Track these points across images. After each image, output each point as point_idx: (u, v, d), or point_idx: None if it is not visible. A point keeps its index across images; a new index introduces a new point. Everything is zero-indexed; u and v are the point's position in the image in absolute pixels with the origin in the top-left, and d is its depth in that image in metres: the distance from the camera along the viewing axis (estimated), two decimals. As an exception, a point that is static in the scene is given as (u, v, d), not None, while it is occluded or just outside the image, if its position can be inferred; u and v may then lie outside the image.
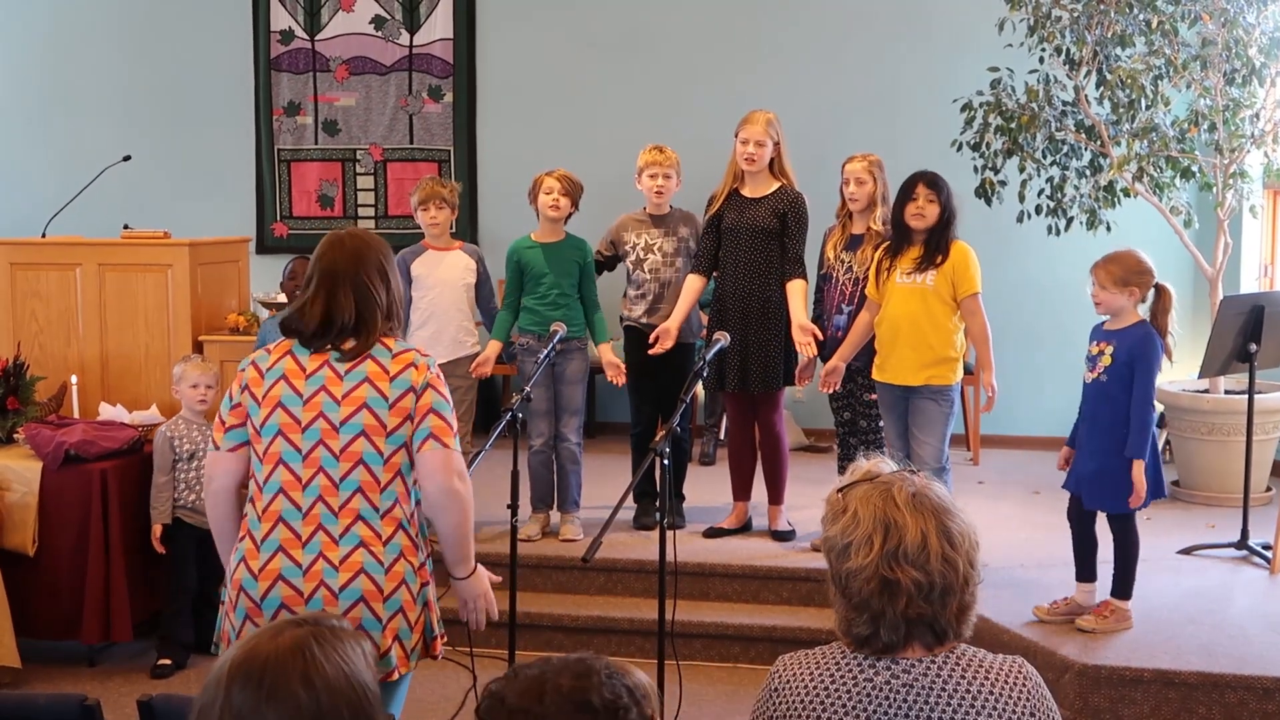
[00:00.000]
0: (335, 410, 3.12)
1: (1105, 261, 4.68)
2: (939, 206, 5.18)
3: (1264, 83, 6.45)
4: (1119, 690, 4.45)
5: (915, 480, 2.15)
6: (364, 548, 3.11)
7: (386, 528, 3.14)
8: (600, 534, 3.60)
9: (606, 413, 8.41)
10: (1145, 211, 6.87)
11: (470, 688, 4.78)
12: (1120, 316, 4.68)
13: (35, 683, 5.07)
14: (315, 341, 3.17)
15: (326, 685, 1.68)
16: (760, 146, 5.69)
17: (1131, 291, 4.63)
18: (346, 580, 3.10)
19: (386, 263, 3.26)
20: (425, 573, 3.23)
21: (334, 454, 3.11)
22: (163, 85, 8.83)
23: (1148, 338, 4.63)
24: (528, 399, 4.20)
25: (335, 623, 1.76)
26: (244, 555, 3.15)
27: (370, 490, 3.12)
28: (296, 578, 3.09)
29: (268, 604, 3.10)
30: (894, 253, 5.27)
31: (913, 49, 8.03)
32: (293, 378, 3.16)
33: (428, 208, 5.89)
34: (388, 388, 3.14)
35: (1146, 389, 4.61)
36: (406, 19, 8.57)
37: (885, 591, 2.08)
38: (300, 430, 3.13)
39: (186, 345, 5.72)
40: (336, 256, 3.21)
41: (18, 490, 5.15)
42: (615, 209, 6.31)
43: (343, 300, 3.16)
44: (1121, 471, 4.62)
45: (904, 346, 5.21)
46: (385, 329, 3.21)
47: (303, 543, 3.10)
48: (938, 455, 5.20)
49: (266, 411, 3.16)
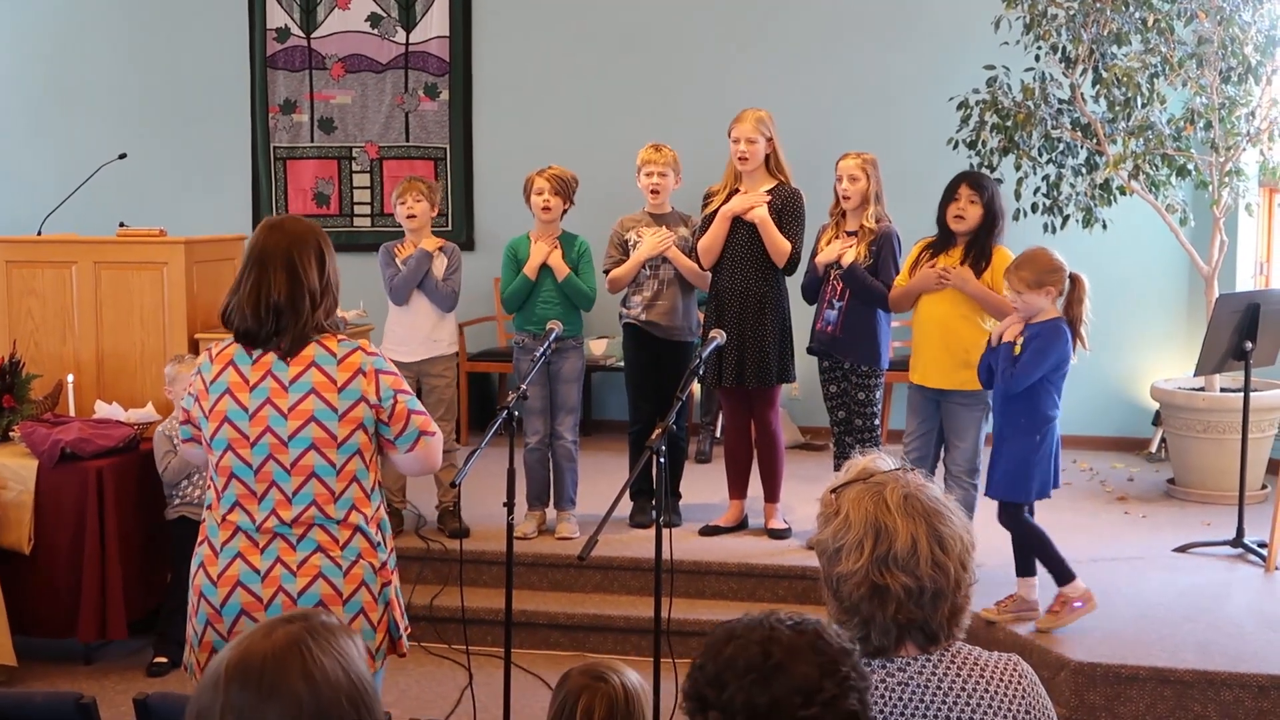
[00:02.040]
0: (283, 424, 3.09)
1: (1016, 266, 4.68)
2: (981, 208, 5.17)
3: (1260, 80, 6.45)
4: (1114, 688, 4.46)
5: (909, 480, 2.14)
6: (321, 552, 3.11)
7: (343, 533, 3.13)
8: (596, 532, 3.60)
9: (603, 410, 8.42)
10: (1141, 209, 6.87)
11: (466, 685, 4.79)
12: (1038, 315, 4.68)
13: (31, 681, 5.06)
14: (251, 336, 3.11)
15: (325, 679, 1.68)
16: (752, 144, 5.69)
17: (1047, 291, 4.64)
18: (304, 585, 3.09)
19: (325, 248, 3.17)
20: (387, 571, 3.21)
21: (285, 468, 3.09)
22: (159, 83, 8.82)
23: (1053, 328, 4.62)
24: (523, 397, 4.19)
25: (325, 618, 1.76)
26: (203, 561, 3.15)
27: (325, 502, 3.11)
28: (255, 583, 3.09)
29: (227, 610, 3.10)
30: (935, 251, 5.27)
31: (909, 47, 8.02)
32: (237, 391, 3.12)
33: (405, 200, 5.89)
34: (336, 399, 3.10)
35: (1028, 363, 4.59)
36: (402, 16, 8.56)
37: (875, 596, 2.07)
38: (249, 445, 3.10)
39: (182, 343, 5.71)
40: (269, 239, 3.14)
41: (14, 488, 5.15)
42: (612, 206, 6.31)
43: (273, 280, 3.08)
44: (1013, 460, 4.67)
45: (937, 349, 5.22)
46: (319, 321, 3.13)
47: (260, 549, 3.10)
48: (970, 459, 5.21)
49: (214, 426, 3.13)
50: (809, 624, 1.86)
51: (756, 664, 1.80)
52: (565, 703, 2.58)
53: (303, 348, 3.11)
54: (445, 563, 5.68)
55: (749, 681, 1.79)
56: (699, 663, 1.86)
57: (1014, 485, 4.72)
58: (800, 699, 1.77)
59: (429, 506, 6.13)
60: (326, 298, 3.16)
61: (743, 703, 1.78)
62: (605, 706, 2.56)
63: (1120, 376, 7.80)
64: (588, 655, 5.22)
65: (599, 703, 2.56)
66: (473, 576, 5.53)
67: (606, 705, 2.56)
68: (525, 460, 5.87)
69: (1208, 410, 6.60)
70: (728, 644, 1.84)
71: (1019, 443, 4.69)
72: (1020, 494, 4.72)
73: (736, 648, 1.82)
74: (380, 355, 3.20)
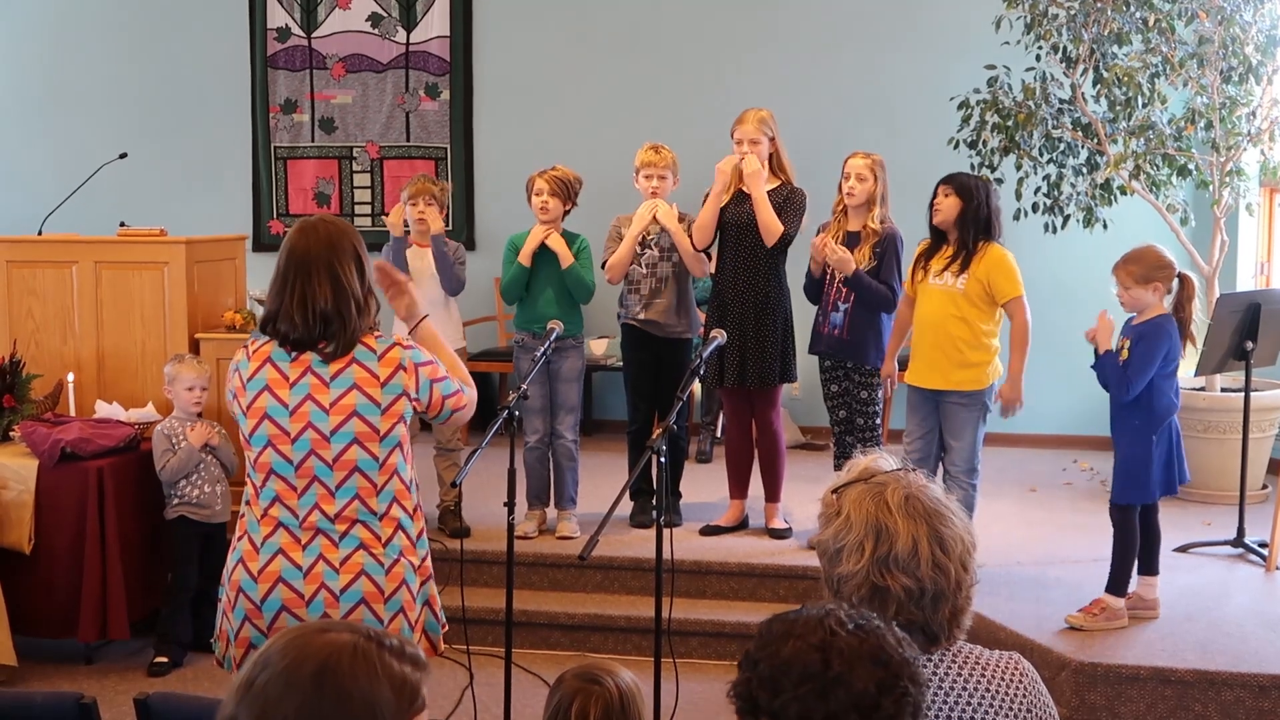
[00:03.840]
0: (324, 420, 3.09)
1: (1125, 261, 4.70)
2: (958, 200, 5.16)
3: (1260, 80, 6.45)
4: (1115, 688, 4.46)
5: (911, 481, 2.13)
6: (364, 549, 3.11)
7: (386, 529, 3.13)
8: (597, 532, 3.59)
9: (603, 410, 8.41)
10: (1142, 209, 6.87)
11: (467, 685, 4.78)
12: (1145, 312, 4.70)
13: (32, 681, 5.06)
14: (300, 344, 3.10)
15: (338, 693, 1.62)
16: (755, 144, 5.69)
17: (1155, 287, 4.66)
18: (347, 582, 3.09)
19: (361, 250, 3.16)
20: (425, 569, 3.23)
21: (327, 463, 3.09)
22: (159, 82, 8.82)
23: (1158, 326, 4.65)
24: (524, 396, 4.19)
25: (395, 643, 1.68)
26: (242, 556, 3.14)
27: (368, 496, 3.11)
28: (297, 580, 3.09)
29: (268, 606, 3.10)
30: (929, 254, 5.28)
31: (910, 47, 8.02)
32: (276, 388, 3.11)
33: (416, 203, 5.88)
34: (379, 394, 3.10)
35: (1139, 364, 4.60)
36: (403, 16, 8.56)
37: (875, 598, 2.06)
38: (290, 441, 3.10)
39: (183, 343, 5.71)
40: (310, 244, 3.11)
41: (14, 488, 5.14)
42: (612, 205, 6.30)
43: (318, 290, 3.07)
44: (1131, 462, 4.66)
45: (932, 349, 5.22)
46: (363, 325, 3.13)
47: (302, 545, 3.10)
48: (968, 459, 5.21)
49: (254, 423, 3.13)
50: (870, 628, 1.78)
51: (815, 673, 1.72)
52: (560, 707, 2.56)
53: (350, 351, 3.11)
54: (446, 562, 5.64)
55: (806, 691, 1.73)
56: (753, 657, 1.78)
57: (1133, 487, 4.70)
58: (856, 716, 1.72)
59: (430, 506, 6.11)
60: (370, 300, 3.17)
61: (797, 713, 1.72)
62: (600, 709, 2.54)
63: (1121, 376, 7.78)
64: (588, 655, 5.23)
65: (594, 705, 2.54)
66: (473, 576, 5.52)
67: (601, 708, 2.54)
68: (525, 460, 5.87)
69: (1208, 410, 6.60)
70: (785, 642, 1.76)
71: (1135, 445, 4.69)
72: (1141, 495, 4.71)
73: (794, 650, 1.75)
74: (416, 348, 3.21)
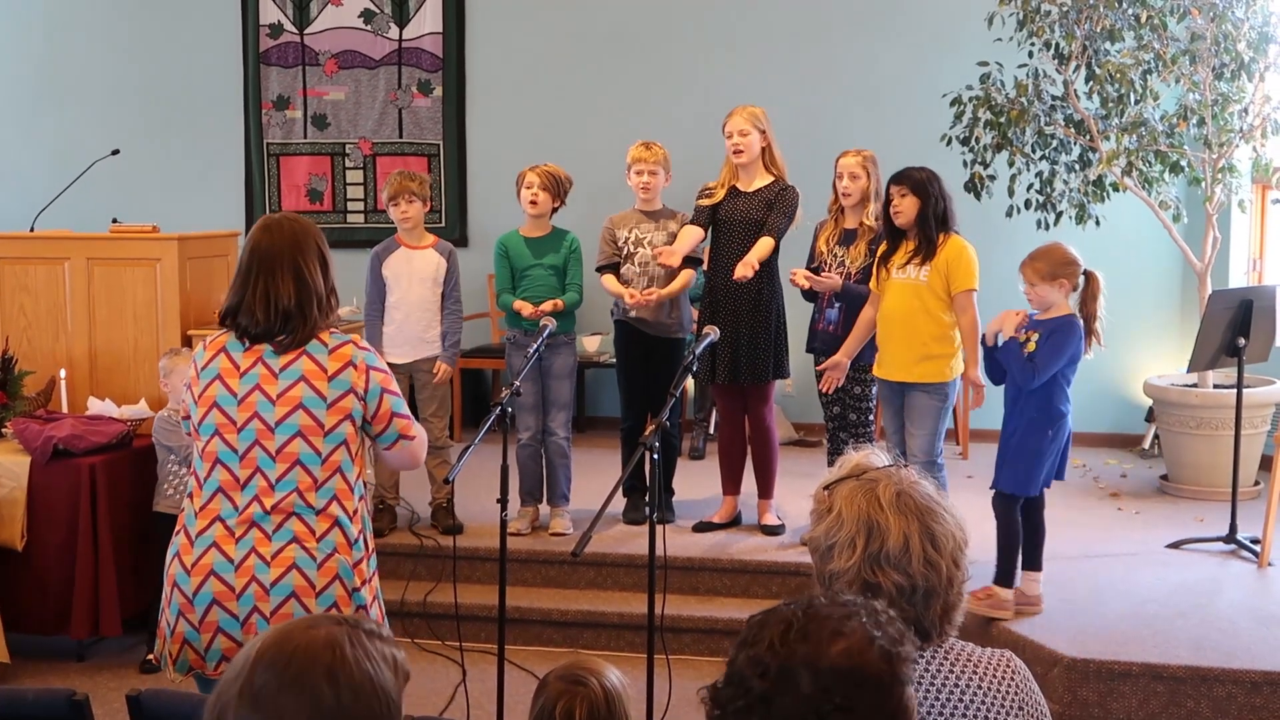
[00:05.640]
0: (270, 410, 3.10)
1: (1032, 258, 4.75)
2: (915, 199, 5.17)
3: (1252, 77, 6.46)
4: (1108, 684, 4.46)
5: (903, 477, 2.14)
6: (297, 543, 3.10)
7: (321, 524, 3.12)
8: (590, 528, 3.60)
9: (596, 407, 8.42)
10: (1134, 206, 6.88)
11: (460, 681, 4.79)
12: (1050, 310, 4.72)
13: (24, 678, 5.06)
14: (258, 337, 3.13)
15: (351, 686, 1.65)
16: (745, 136, 5.69)
17: (1060, 284, 4.69)
18: (278, 575, 3.08)
19: (324, 248, 3.20)
20: (363, 572, 3.18)
21: (270, 455, 3.10)
22: (152, 79, 8.81)
23: (1069, 324, 4.69)
24: (516, 393, 4.19)
25: (372, 626, 1.74)
26: (178, 551, 3.15)
27: (306, 490, 3.11)
28: (228, 573, 3.09)
29: (199, 600, 3.10)
30: (890, 249, 5.29)
31: (902, 44, 8.02)
32: (227, 377, 3.14)
33: (398, 203, 5.88)
34: (325, 387, 3.11)
35: (1047, 357, 4.63)
36: (395, 13, 8.55)
37: (867, 594, 2.06)
38: (236, 430, 3.11)
39: (175, 339, 5.70)
40: (275, 241, 3.14)
41: (6, 485, 5.14)
42: (604, 203, 6.31)
43: (281, 286, 3.10)
44: (1022, 453, 4.71)
45: (897, 342, 5.23)
46: (321, 322, 3.15)
47: (236, 539, 3.10)
48: (928, 448, 5.21)
49: (203, 411, 3.15)
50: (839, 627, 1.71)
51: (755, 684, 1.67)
52: (544, 708, 2.55)
53: (304, 344, 3.13)
54: (439, 559, 5.68)
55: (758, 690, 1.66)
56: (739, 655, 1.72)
57: (1023, 479, 4.75)
58: None
59: (423, 503, 6.12)
60: (332, 298, 3.19)
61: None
62: (585, 710, 2.53)
63: (1113, 373, 7.80)
64: (581, 651, 5.23)
65: (579, 706, 2.53)
66: (466, 573, 5.53)
67: (587, 708, 2.53)
68: (518, 456, 5.86)
69: (1201, 406, 6.61)
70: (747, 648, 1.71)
71: (1030, 437, 4.72)
72: (1029, 488, 4.77)
73: (746, 658, 1.69)
74: (372, 352, 3.21)
